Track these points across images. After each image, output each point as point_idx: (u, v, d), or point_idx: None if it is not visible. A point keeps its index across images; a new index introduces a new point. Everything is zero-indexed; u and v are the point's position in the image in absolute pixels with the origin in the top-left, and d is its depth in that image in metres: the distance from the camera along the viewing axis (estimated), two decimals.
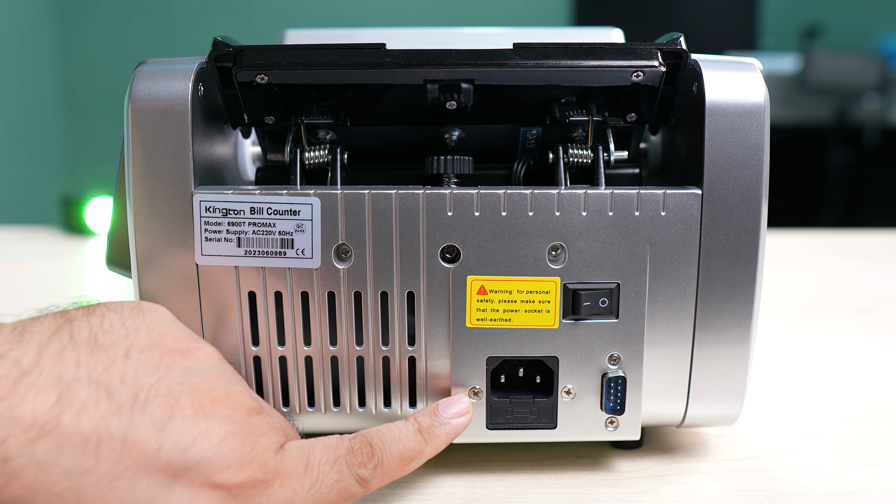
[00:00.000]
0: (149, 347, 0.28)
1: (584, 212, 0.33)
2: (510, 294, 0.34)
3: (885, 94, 2.12)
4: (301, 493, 0.28)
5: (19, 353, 0.25)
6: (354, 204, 0.33)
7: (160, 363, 0.28)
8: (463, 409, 0.34)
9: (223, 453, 0.26)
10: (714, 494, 0.35)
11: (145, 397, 0.26)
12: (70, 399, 0.24)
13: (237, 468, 0.26)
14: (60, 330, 0.27)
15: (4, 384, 0.23)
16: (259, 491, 0.27)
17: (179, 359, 0.29)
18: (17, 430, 0.23)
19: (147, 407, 0.26)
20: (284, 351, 0.35)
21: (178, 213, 0.33)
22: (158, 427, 0.25)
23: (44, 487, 0.23)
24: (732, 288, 0.34)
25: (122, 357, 0.27)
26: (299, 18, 2.49)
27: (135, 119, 0.33)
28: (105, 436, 0.24)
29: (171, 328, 0.30)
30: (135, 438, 0.25)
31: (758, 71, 0.35)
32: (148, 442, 0.25)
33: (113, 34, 2.48)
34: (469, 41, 0.44)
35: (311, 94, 0.35)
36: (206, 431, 0.26)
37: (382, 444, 0.31)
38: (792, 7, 2.60)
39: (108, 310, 0.29)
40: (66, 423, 0.24)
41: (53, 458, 0.23)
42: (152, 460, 0.25)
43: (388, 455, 0.31)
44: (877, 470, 0.38)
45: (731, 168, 0.33)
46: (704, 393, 0.36)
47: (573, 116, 0.37)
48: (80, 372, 0.25)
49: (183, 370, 0.28)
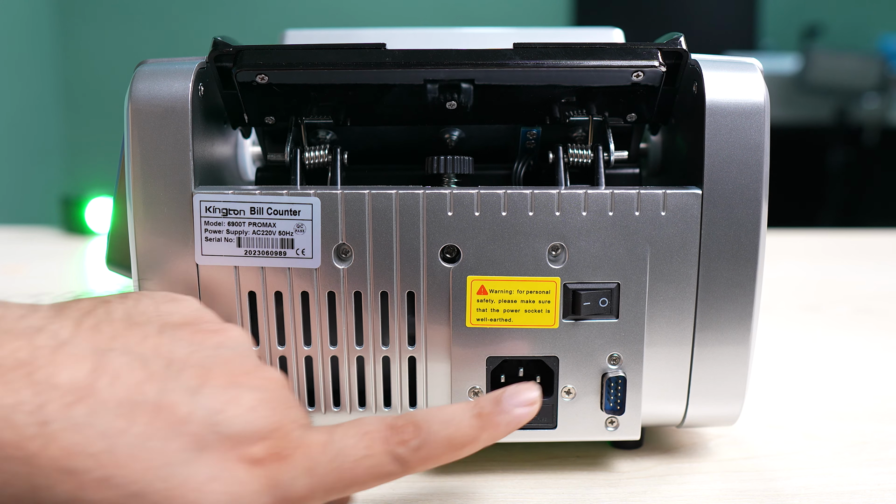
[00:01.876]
0: (181, 326, 0.29)
1: (584, 212, 0.33)
2: (510, 294, 0.34)
3: (885, 94, 2.12)
4: (322, 463, 0.27)
5: (57, 327, 0.26)
6: (354, 204, 0.33)
7: (192, 339, 0.28)
8: (531, 399, 0.30)
9: (252, 420, 0.26)
10: (714, 494, 0.35)
11: (178, 367, 0.27)
12: (105, 367, 0.25)
13: (264, 436, 0.26)
14: (96, 308, 0.28)
15: (43, 353, 0.24)
16: (282, 460, 0.27)
17: (211, 336, 0.29)
18: (55, 395, 0.24)
19: (180, 375, 0.26)
20: (284, 351, 0.35)
21: (178, 213, 0.33)
22: (190, 393, 0.26)
23: (80, 448, 0.23)
24: (732, 288, 0.34)
25: (156, 332, 0.28)
26: (299, 18, 2.49)
27: (135, 119, 0.33)
28: (139, 400, 0.25)
29: (202, 313, 0.31)
30: (167, 402, 0.25)
31: (758, 71, 0.35)
32: (180, 406, 0.25)
33: (113, 34, 2.48)
34: (469, 41, 0.44)
35: (312, 94, 0.36)
36: (237, 399, 0.27)
37: (430, 425, 0.29)
38: (792, 7, 2.60)
39: (142, 295, 0.30)
40: (101, 389, 0.24)
41: (89, 421, 0.24)
42: (184, 423, 0.25)
43: (434, 437, 0.29)
44: (877, 470, 0.38)
45: (731, 168, 0.33)
46: (704, 393, 0.36)
47: (573, 116, 0.37)
48: (116, 343, 0.26)
49: (214, 346, 0.29)
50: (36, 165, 2.32)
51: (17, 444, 0.23)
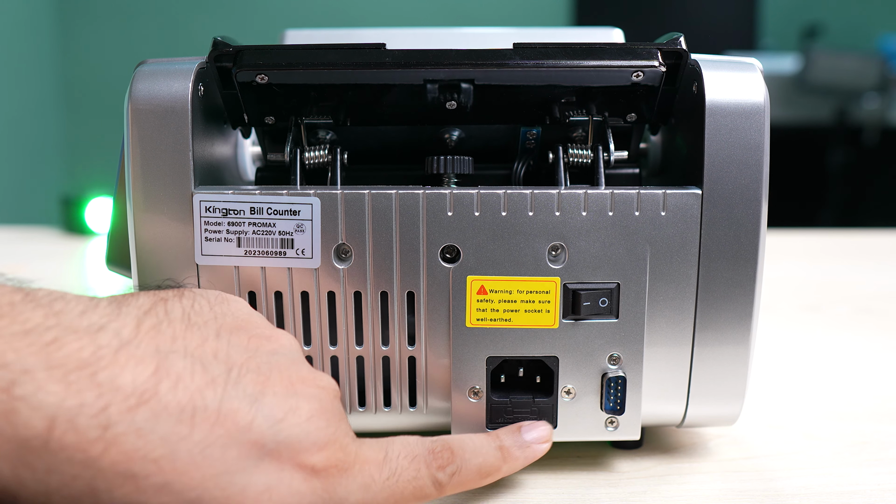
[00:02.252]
0: (236, 330, 0.29)
1: (584, 212, 0.33)
2: (510, 294, 0.34)
3: (885, 94, 2.12)
4: (378, 482, 0.28)
5: (119, 325, 0.26)
6: (354, 204, 0.33)
7: (248, 345, 0.29)
8: (544, 436, 0.34)
9: (311, 431, 0.27)
10: (714, 494, 0.35)
11: (238, 373, 0.27)
12: (167, 370, 0.25)
13: (322, 447, 0.27)
14: (155, 306, 0.28)
15: (106, 353, 0.24)
16: (340, 472, 0.27)
17: (265, 342, 0.29)
18: (118, 397, 0.23)
19: (240, 381, 0.26)
20: None
21: (178, 213, 0.33)
22: (251, 400, 0.26)
23: (141, 454, 0.23)
24: (732, 288, 0.34)
25: (214, 336, 0.28)
26: (299, 18, 2.49)
27: (135, 119, 0.33)
28: (200, 406, 0.25)
29: (253, 316, 0.31)
30: (228, 410, 0.25)
31: (758, 71, 0.35)
32: (241, 414, 0.25)
33: (113, 34, 2.48)
34: (469, 41, 0.44)
35: (311, 94, 0.35)
36: (296, 408, 0.27)
37: (463, 453, 0.31)
38: (792, 7, 2.60)
39: (197, 294, 0.30)
40: (163, 393, 0.24)
41: (151, 426, 0.24)
42: (244, 431, 0.25)
43: (467, 465, 0.31)
44: (877, 470, 0.38)
45: (731, 168, 0.33)
46: (704, 393, 0.36)
47: (573, 116, 0.37)
48: (177, 345, 0.26)
49: (269, 352, 0.29)
50: (36, 165, 2.32)
51: (79, 446, 0.23)
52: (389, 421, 0.36)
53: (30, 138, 2.27)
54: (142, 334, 0.26)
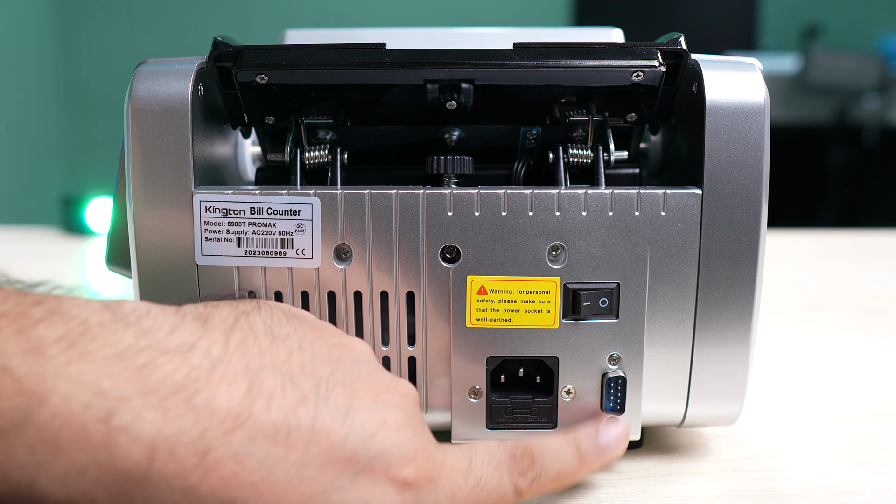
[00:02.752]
0: (316, 341, 0.29)
1: (584, 212, 0.33)
2: (510, 294, 0.34)
3: (885, 94, 2.12)
4: (465, 490, 0.28)
5: (208, 343, 0.25)
6: (354, 204, 0.33)
7: (329, 355, 0.28)
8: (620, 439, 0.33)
9: (400, 443, 0.26)
10: (714, 494, 0.35)
11: (326, 386, 0.26)
12: (259, 389, 0.24)
13: (411, 459, 0.26)
14: (240, 321, 0.27)
15: (199, 375, 0.24)
16: (429, 483, 0.27)
17: (344, 352, 0.29)
18: (214, 421, 0.23)
19: (329, 396, 0.26)
20: None
21: (178, 213, 0.33)
22: (342, 415, 0.26)
23: (240, 479, 0.23)
24: (732, 288, 0.34)
25: (297, 349, 0.27)
26: (299, 18, 2.49)
27: (135, 119, 0.33)
28: (294, 425, 0.24)
29: (326, 326, 0.31)
30: (322, 427, 0.25)
31: (758, 71, 0.35)
32: (334, 430, 0.25)
33: (113, 34, 2.48)
34: (469, 41, 0.44)
35: (311, 94, 0.36)
36: (385, 420, 0.27)
37: (543, 457, 0.31)
38: (792, 7, 2.60)
39: (273, 306, 0.30)
40: (258, 414, 0.24)
41: (248, 449, 0.23)
42: (338, 448, 0.25)
43: (546, 470, 0.31)
44: (877, 470, 0.38)
45: (731, 168, 0.33)
46: (704, 393, 0.36)
47: (573, 116, 0.37)
48: (265, 361, 0.26)
49: (350, 361, 0.29)
50: (36, 165, 2.32)
51: (178, 474, 0.22)
52: None
53: (30, 138, 2.27)
54: (231, 351, 0.25)
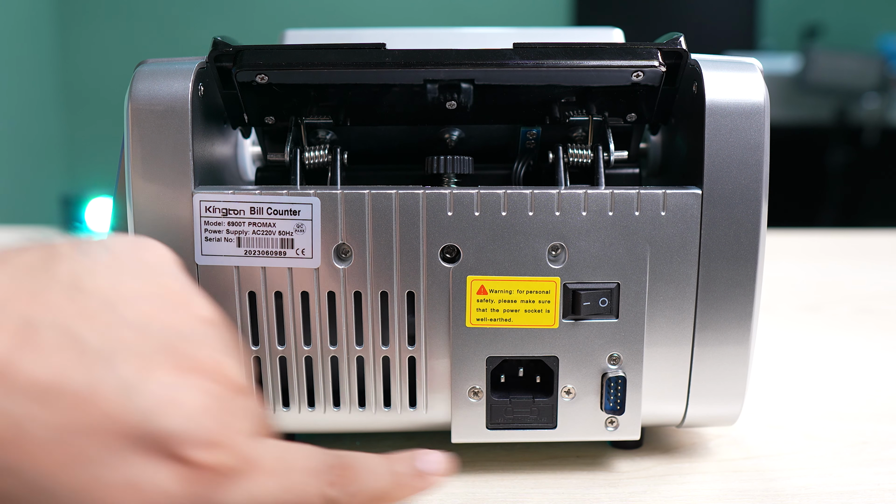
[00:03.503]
0: (138, 299, 0.25)
1: (584, 212, 0.33)
2: (510, 294, 0.34)
3: (885, 94, 2.12)
4: (272, 493, 0.25)
5: None
6: (354, 204, 0.33)
7: (144, 319, 0.25)
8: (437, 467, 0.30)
9: (192, 428, 0.23)
10: (714, 494, 0.35)
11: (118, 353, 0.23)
12: (34, 341, 0.22)
13: (209, 444, 0.24)
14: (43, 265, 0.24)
15: None
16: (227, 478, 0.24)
17: (169, 317, 0.26)
18: None
19: (119, 364, 0.23)
20: (284, 351, 0.35)
21: (178, 213, 0.33)
22: (126, 387, 0.23)
23: None
24: (732, 288, 0.34)
25: (104, 305, 0.24)
26: (299, 18, 2.49)
27: (135, 119, 0.33)
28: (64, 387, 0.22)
29: (168, 279, 0.27)
30: (96, 395, 0.22)
31: (758, 71, 0.35)
32: (111, 401, 0.22)
33: (113, 34, 2.48)
34: (469, 41, 0.44)
35: (311, 94, 0.36)
36: (179, 401, 0.24)
37: (358, 474, 0.28)
38: (792, 7, 2.60)
39: (101, 248, 0.26)
40: (22, 367, 0.22)
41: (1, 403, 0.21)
42: (111, 421, 0.22)
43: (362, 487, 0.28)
44: (877, 470, 0.38)
45: (731, 168, 0.33)
46: (704, 393, 0.36)
47: (573, 116, 0.37)
48: (52, 314, 0.23)
49: (170, 329, 0.25)
50: (36, 165, 2.32)
51: None
52: (390, 421, 0.36)
53: (30, 138, 2.27)
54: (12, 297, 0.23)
